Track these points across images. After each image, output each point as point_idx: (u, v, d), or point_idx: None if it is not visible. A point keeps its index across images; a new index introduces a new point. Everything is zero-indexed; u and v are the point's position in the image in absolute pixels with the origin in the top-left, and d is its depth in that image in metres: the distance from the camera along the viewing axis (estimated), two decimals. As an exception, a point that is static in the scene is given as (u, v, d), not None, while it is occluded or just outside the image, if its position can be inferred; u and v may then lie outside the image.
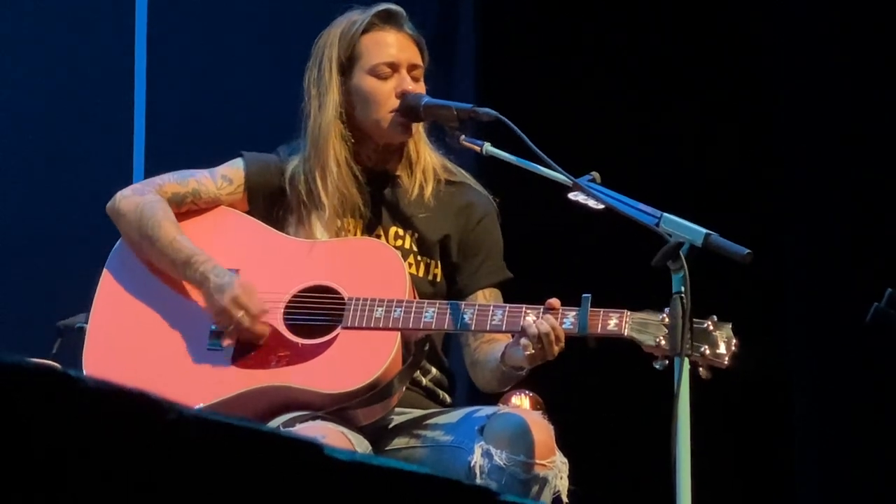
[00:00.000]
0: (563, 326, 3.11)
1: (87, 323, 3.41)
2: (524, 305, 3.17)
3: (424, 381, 3.42)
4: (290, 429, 3.13)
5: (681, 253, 2.92)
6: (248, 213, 3.45)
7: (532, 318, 3.12)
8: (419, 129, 3.46)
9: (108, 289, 3.40)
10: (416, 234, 3.43)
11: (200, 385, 3.25)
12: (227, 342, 3.29)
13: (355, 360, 3.23)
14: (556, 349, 3.11)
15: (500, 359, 3.23)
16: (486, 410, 3.28)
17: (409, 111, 3.37)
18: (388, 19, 3.45)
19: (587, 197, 3.14)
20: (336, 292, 3.28)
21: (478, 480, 3.12)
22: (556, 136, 3.51)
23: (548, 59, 5.40)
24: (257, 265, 3.35)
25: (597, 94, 5.33)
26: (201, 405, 3.20)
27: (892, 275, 4.27)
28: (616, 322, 3.10)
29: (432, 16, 5.21)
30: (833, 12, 5.19)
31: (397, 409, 3.35)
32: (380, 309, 3.23)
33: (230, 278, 3.28)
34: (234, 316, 3.25)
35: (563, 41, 5.40)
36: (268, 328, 3.27)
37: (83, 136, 5.08)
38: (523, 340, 3.11)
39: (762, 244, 3.66)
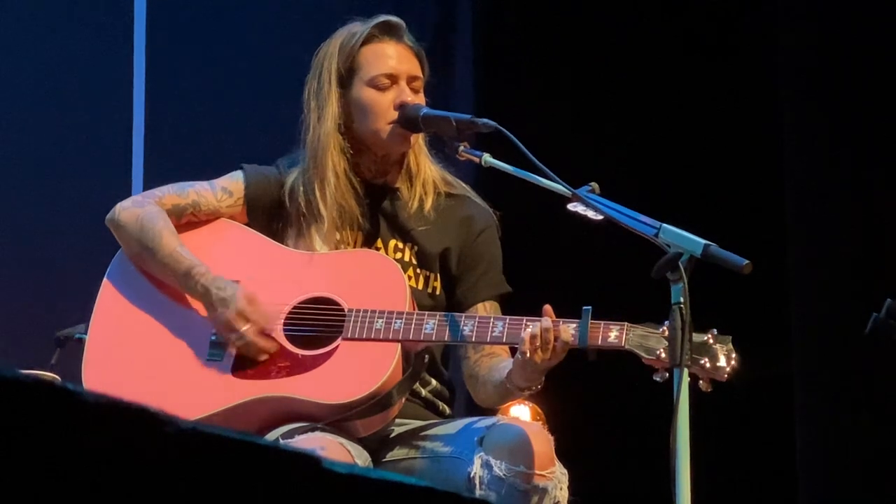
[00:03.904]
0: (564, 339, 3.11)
1: (86, 333, 3.41)
2: (525, 317, 3.17)
3: (424, 392, 3.42)
4: (290, 440, 3.13)
5: (679, 264, 2.92)
6: (248, 225, 3.45)
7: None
8: (419, 141, 3.46)
9: (107, 299, 3.40)
10: (416, 247, 3.43)
11: (200, 395, 3.25)
12: (230, 353, 3.29)
13: (355, 371, 3.23)
14: (557, 349, 3.09)
15: (507, 376, 3.22)
16: (486, 421, 3.27)
17: (407, 122, 3.37)
18: (387, 31, 3.45)
19: (586, 208, 3.14)
20: (336, 304, 3.28)
21: (477, 491, 3.11)
22: (555, 147, 3.52)
23: (546, 68, 5.41)
24: (257, 277, 3.35)
25: (596, 102, 5.34)
26: (201, 416, 3.20)
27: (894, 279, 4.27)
28: (616, 334, 3.10)
29: (430, 26, 5.21)
30: (836, 14, 5.19)
31: (397, 420, 3.35)
32: (380, 320, 3.23)
33: (232, 290, 3.28)
34: (239, 329, 3.25)
35: (562, 50, 5.40)
36: (273, 344, 3.27)
37: (82, 146, 5.09)
38: (522, 336, 3.11)
39: (765, 250, 3.67)
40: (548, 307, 3.14)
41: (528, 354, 3.10)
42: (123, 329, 3.37)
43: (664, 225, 3.00)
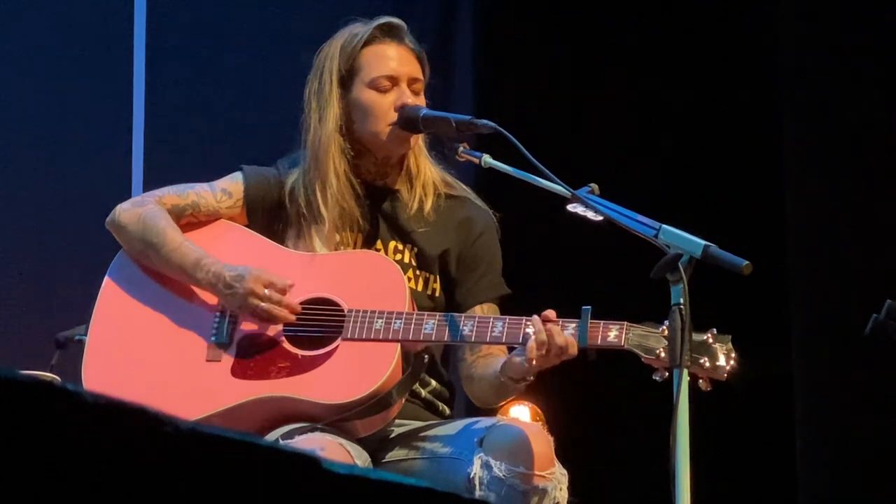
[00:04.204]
0: (563, 339, 3.12)
1: (86, 335, 3.41)
2: (524, 318, 3.17)
3: (424, 392, 3.43)
4: (290, 440, 3.13)
5: (679, 265, 2.92)
6: (248, 226, 3.45)
7: (535, 329, 3.12)
8: (419, 142, 3.46)
9: (107, 301, 3.40)
10: (416, 249, 3.43)
11: (200, 396, 3.25)
12: (229, 353, 3.29)
13: (355, 371, 3.23)
14: (558, 354, 3.10)
15: (501, 369, 3.23)
16: (486, 422, 3.28)
17: (407, 123, 3.37)
18: (389, 32, 3.45)
19: (586, 208, 3.15)
20: (336, 304, 3.28)
21: (477, 492, 3.11)
22: (555, 147, 3.52)
23: (546, 69, 5.41)
24: (257, 278, 3.34)
25: (595, 103, 5.34)
26: (201, 416, 3.21)
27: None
28: (616, 334, 3.10)
29: (430, 26, 5.21)
30: (835, 14, 5.19)
31: (396, 421, 3.35)
32: (379, 321, 3.23)
33: (244, 268, 3.28)
34: (261, 292, 3.24)
35: (562, 51, 5.40)
36: (297, 304, 3.26)
37: (82, 147, 5.09)
38: (528, 344, 3.11)
39: (765, 250, 3.67)
40: (549, 313, 3.14)
41: (533, 362, 3.11)
42: (123, 330, 3.37)
43: (664, 226, 3.01)
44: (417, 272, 3.42)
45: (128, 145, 5.09)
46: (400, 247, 3.43)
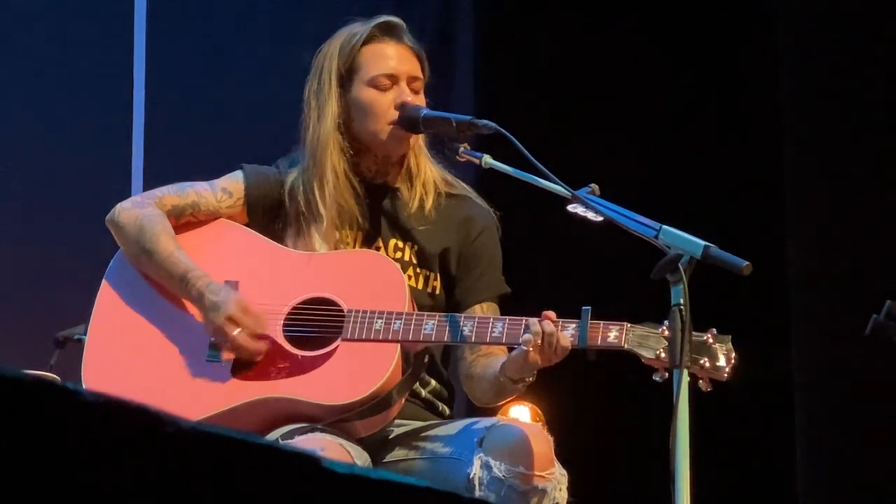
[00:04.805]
0: (563, 339, 3.12)
1: (85, 334, 3.41)
2: (524, 318, 3.17)
3: (424, 392, 3.42)
4: (290, 441, 3.13)
5: (679, 265, 2.92)
6: (248, 225, 3.45)
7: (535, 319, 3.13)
8: (419, 141, 3.46)
9: (107, 300, 3.40)
10: (416, 247, 3.43)
11: (200, 397, 3.25)
12: (225, 357, 3.29)
13: (355, 371, 3.23)
14: (558, 352, 3.10)
15: (500, 369, 3.23)
16: (485, 422, 3.27)
17: (408, 123, 3.37)
18: (388, 31, 3.45)
19: (586, 209, 3.14)
20: (336, 304, 3.28)
21: (477, 492, 3.11)
22: (555, 148, 3.51)
23: (547, 69, 5.41)
24: (257, 277, 3.35)
25: (596, 103, 5.34)
26: (201, 417, 3.20)
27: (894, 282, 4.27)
28: (616, 334, 3.10)
29: (431, 26, 5.22)
30: (836, 13, 5.19)
31: (396, 421, 3.35)
32: (379, 321, 3.23)
33: (225, 295, 3.27)
34: (229, 334, 3.24)
35: (563, 51, 5.40)
36: (265, 346, 3.26)
37: (82, 146, 5.09)
38: (525, 336, 3.11)
39: (765, 250, 3.67)
40: (549, 314, 3.14)
41: (529, 356, 3.11)
42: (123, 330, 3.36)
43: (664, 226, 3.00)
44: (418, 270, 3.42)
45: (128, 145, 5.10)
46: (400, 244, 3.43)
